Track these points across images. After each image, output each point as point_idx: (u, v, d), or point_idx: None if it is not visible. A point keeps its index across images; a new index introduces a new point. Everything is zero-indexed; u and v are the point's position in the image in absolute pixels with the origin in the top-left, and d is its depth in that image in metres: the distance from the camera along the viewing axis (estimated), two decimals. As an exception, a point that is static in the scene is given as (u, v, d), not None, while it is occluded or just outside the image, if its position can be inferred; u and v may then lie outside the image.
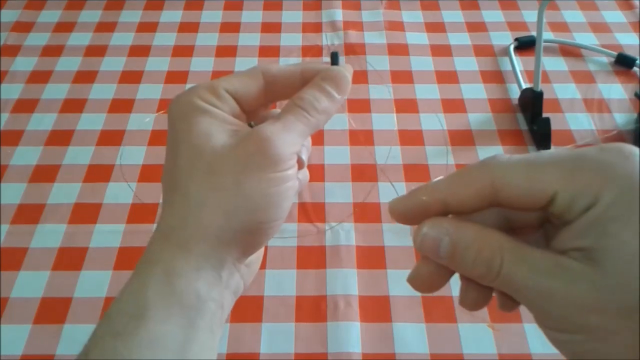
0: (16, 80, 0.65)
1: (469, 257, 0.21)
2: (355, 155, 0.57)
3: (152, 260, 0.24)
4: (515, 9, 0.74)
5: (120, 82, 0.65)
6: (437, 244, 0.22)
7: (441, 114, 0.61)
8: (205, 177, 0.25)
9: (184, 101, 0.26)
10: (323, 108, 0.27)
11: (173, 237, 0.24)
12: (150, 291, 0.23)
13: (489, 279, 0.21)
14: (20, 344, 0.43)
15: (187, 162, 0.25)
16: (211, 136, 0.25)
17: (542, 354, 0.43)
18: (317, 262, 0.48)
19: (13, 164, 0.56)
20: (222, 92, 0.27)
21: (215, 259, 0.25)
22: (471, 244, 0.21)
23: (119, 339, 0.22)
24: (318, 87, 0.27)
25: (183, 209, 0.25)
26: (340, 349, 0.43)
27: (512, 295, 0.22)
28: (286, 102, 0.27)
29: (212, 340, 0.24)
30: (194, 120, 0.25)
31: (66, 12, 0.74)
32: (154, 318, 0.22)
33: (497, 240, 0.21)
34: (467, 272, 0.22)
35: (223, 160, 0.25)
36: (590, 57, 0.68)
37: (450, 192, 0.22)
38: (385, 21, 0.72)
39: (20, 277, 0.48)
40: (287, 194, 0.26)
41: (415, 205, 0.23)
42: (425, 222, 0.22)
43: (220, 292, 0.25)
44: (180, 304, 0.23)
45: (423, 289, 0.24)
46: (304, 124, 0.26)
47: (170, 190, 0.26)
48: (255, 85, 0.28)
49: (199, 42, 0.70)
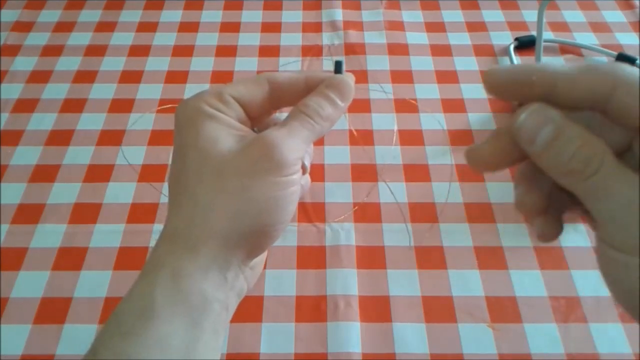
0: (16, 80, 0.65)
1: (569, 150, 0.20)
2: (355, 155, 0.57)
3: (159, 261, 0.25)
4: (515, 9, 0.74)
5: (120, 81, 0.65)
6: (539, 127, 0.21)
7: (441, 113, 0.61)
8: (212, 181, 0.25)
9: (190, 107, 0.27)
10: (327, 115, 0.28)
11: (180, 239, 0.25)
12: (157, 291, 0.23)
13: (581, 177, 0.20)
14: (20, 344, 0.43)
15: (194, 165, 0.26)
16: (218, 141, 0.26)
17: (542, 354, 0.43)
18: (317, 262, 0.48)
19: (13, 163, 0.56)
20: (228, 98, 0.27)
21: (221, 260, 0.25)
22: (575, 138, 0.21)
23: (126, 339, 0.22)
24: (322, 94, 0.28)
25: (190, 211, 0.25)
26: (340, 349, 0.43)
27: (589, 204, 0.21)
28: (290, 109, 0.28)
29: (215, 341, 0.25)
30: (200, 125, 0.26)
31: (66, 12, 0.74)
32: (160, 318, 0.23)
33: (602, 143, 0.21)
34: (557, 166, 0.21)
35: (230, 164, 0.25)
36: (590, 56, 0.68)
37: (566, 78, 0.21)
38: (385, 21, 0.72)
39: (20, 277, 0.48)
40: (291, 197, 0.26)
41: (520, 79, 0.22)
42: (535, 104, 0.21)
43: (225, 293, 0.25)
44: (186, 305, 0.24)
45: (479, 163, 0.23)
46: (309, 130, 0.27)
47: (178, 193, 0.26)
48: (260, 92, 0.28)
49: (199, 42, 0.70)
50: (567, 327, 0.44)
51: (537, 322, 0.45)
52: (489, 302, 0.46)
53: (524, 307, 0.45)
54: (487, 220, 0.51)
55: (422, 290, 0.47)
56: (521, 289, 0.46)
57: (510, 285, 0.47)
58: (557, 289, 0.46)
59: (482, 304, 0.46)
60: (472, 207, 0.52)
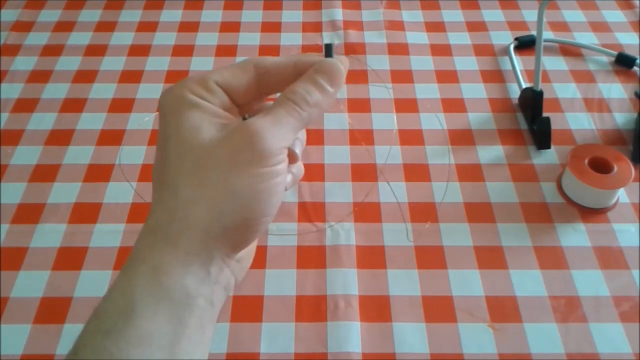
0: (16, 80, 0.65)
1: None
2: (355, 155, 0.57)
3: (139, 256, 0.24)
4: (515, 9, 0.74)
5: (120, 81, 0.65)
6: None
7: (441, 113, 0.61)
8: (193, 173, 0.24)
9: (173, 95, 0.26)
10: (315, 101, 0.26)
11: (160, 233, 0.24)
12: (138, 288, 0.23)
13: None
14: (20, 344, 0.43)
15: (175, 157, 0.25)
16: (200, 130, 0.25)
17: (542, 353, 0.43)
18: (317, 261, 0.48)
19: (13, 163, 0.56)
20: (213, 85, 0.26)
21: (203, 254, 0.24)
22: None
23: (108, 337, 0.22)
24: (311, 80, 0.27)
25: (170, 204, 0.24)
26: (340, 348, 0.43)
27: None
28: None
29: (202, 336, 0.24)
30: (183, 114, 0.25)
31: (66, 12, 0.74)
32: (142, 315, 0.22)
33: None
34: None
35: (211, 155, 0.24)
36: (590, 56, 0.68)
37: None
38: (385, 21, 0.72)
39: (20, 277, 0.48)
40: (275, 189, 0.25)
41: None
42: None
43: (209, 288, 0.25)
44: (169, 301, 0.23)
45: None
46: (295, 118, 0.26)
47: (159, 185, 0.26)
48: (246, 78, 0.27)
49: (199, 41, 0.70)
50: (567, 327, 0.44)
51: (537, 322, 0.45)
52: (489, 301, 0.46)
53: (524, 307, 0.45)
54: (487, 220, 0.51)
55: (422, 290, 0.46)
56: (521, 289, 0.46)
57: (510, 285, 0.47)
58: (557, 289, 0.46)
59: (482, 303, 0.46)
60: (472, 206, 0.52)
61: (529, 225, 0.51)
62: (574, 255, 0.49)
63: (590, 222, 0.51)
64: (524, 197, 0.53)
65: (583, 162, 0.51)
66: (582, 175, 0.50)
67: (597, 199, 0.51)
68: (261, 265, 0.48)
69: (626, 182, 0.50)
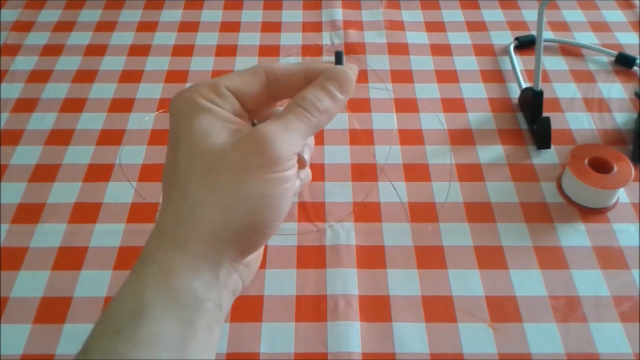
0: (16, 80, 0.65)
1: None
2: (356, 154, 0.57)
3: (149, 258, 0.24)
4: (515, 9, 0.74)
5: (120, 81, 0.65)
6: None
7: (441, 113, 0.61)
8: (204, 177, 0.25)
9: (185, 99, 0.26)
10: (325, 108, 0.27)
11: (170, 236, 0.24)
12: (148, 290, 0.23)
13: None
14: (20, 343, 0.43)
15: (186, 161, 0.25)
16: (211, 135, 0.25)
17: (542, 353, 0.43)
18: (317, 261, 0.48)
19: (13, 163, 0.56)
20: (224, 90, 0.26)
21: (212, 258, 0.24)
22: None
23: (117, 338, 0.22)
24: (321, 86, 0.27)
25: (180, 207, 0.25)
26: (340, 348, 0.43)
27: None
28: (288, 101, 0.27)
29: (210, 339, 0.24)
30: (194, 118, 0.25)
31: (66, 12, 0.74)
32: (152, 317, 0.22)
33: None
34: None
35: (222, 159, 0.25)
36: (590, 56, 0.68)
37: None
38: (385, 20, 0.72)
39: (20, 277, 0.48)
40: (285, 194, 0.25)
41: None
42: None
43: (218, 292, 0.25)
44: (178, 303, 0.23)
45: None
46: (305, 124, 0.26)
47: (170, 188, 0.26)
48: (257, 84, 0.28)
49: (199, 41, 0.70)
50: (567, 327, 0.44)
51: (537, 322, 0.45)
52: (489, 301, 0.46)
53: (524, 307, 0.45)
54: (487, 220, 0.51)
55: (422, 290, 0.46)
56: (521, 289, 0.46)
57: (510, 285, 0.47)
58: (557, 289, 0.46)
59: (482, 303, 0.46)
60: (472, 206, 0.52)
61: (529, 225, 0.51)
62: (574, 255, 0.49)
63: (590, 222, 0.51)
64: (524, 197, 0.53)
65: (583, 162, 0.51)
66: (582, 175, 0.50)
67: (597, 198, 0.51)
68: (261, 265, 0.47)
69: (626, 182, 0.50)
